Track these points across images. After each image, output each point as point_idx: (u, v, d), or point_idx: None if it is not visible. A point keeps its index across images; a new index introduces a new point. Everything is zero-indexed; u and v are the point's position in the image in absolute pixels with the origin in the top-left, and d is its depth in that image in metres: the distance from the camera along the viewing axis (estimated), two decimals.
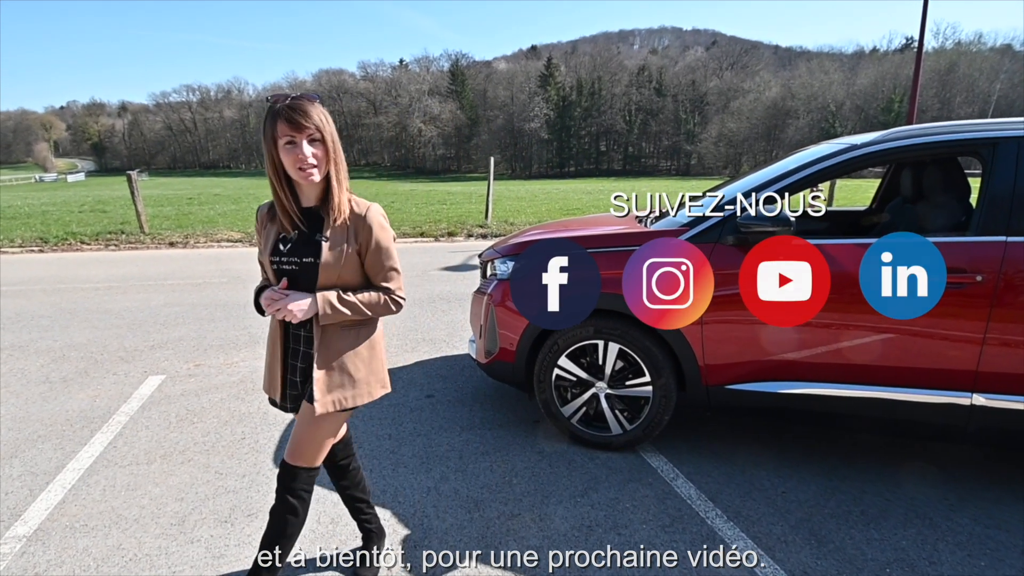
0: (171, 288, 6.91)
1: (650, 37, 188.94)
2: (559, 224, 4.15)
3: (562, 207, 17.44)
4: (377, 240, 1.67)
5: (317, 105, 1.56)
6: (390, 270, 1.73)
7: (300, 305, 1.62)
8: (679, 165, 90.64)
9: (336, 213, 1.62)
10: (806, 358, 2.66)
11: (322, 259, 1.62)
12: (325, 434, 1.77)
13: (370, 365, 1.78)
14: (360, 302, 1.67)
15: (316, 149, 1.55)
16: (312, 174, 1.56)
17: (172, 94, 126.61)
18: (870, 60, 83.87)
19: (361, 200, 1.70)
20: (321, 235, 1.63)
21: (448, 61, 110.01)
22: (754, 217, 2.66)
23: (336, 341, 1.70)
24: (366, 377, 1.77)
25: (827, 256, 2.60)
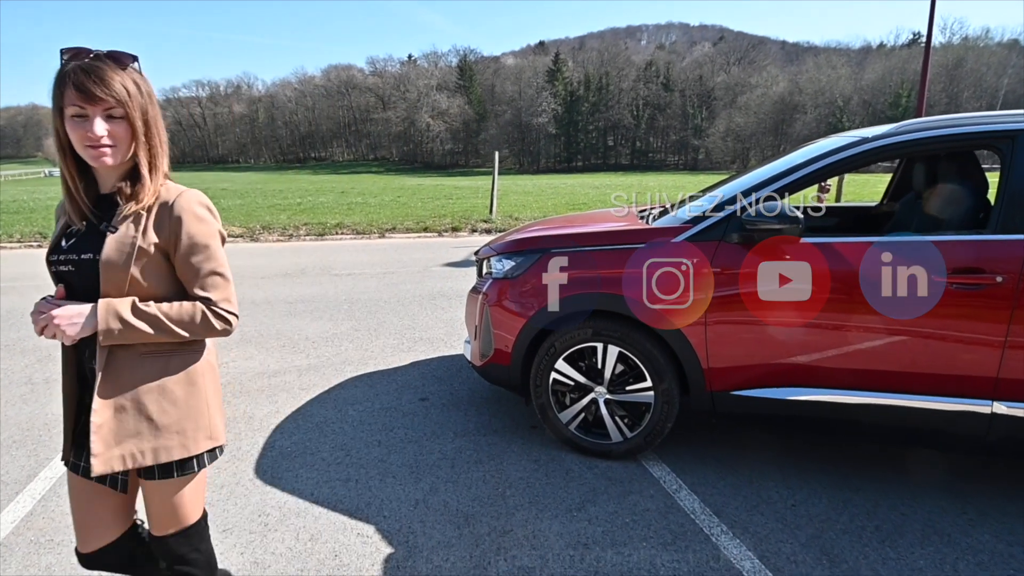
0: None
1: (657, 33, 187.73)
2: (560, 220, 4.00)
3: (568, 202, 17.26)
4: (189, 234, 1.25)
5: (127, 71, 1.21)
6: (210, 274, 1.29)
7: (71, 317, 1.19)
8: (687, 159, 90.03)
9: (131, 199, 1.24)
10: (816, 362, 2.50)
11: (103, 255, 1.20)
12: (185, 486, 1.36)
13: (186, 407, 1.31)
14: (165, 315, 1.23)
15: (115, 127, 1.19)
16: (104, 155, 1.20)
17: (182, 89, 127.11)
18: (877, 55, 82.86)
19: (176, 185, 1.31)
20: (108, 225, 1.23)
21: (456, 56, 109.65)
22: (760, 214, 2.50)
23: (130, 371, 1.26)
24: (178, 423, 1.30)
25: (836, 255, 2.45)
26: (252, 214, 13.19)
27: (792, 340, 2.51)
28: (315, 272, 7.35)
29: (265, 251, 8.89)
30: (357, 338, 4.78)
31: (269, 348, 4.56)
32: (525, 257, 3.01)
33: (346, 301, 5.95)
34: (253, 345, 4.64)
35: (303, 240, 9.86)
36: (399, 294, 6.21)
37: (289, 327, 5.10)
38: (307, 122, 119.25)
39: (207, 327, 1.29)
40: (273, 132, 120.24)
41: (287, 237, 9.97)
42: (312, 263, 7.90)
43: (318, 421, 3.27)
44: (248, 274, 7.25)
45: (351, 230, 10.29)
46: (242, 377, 3.97)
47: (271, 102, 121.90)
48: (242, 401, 3.57)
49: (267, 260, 8.13)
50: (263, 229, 10.32)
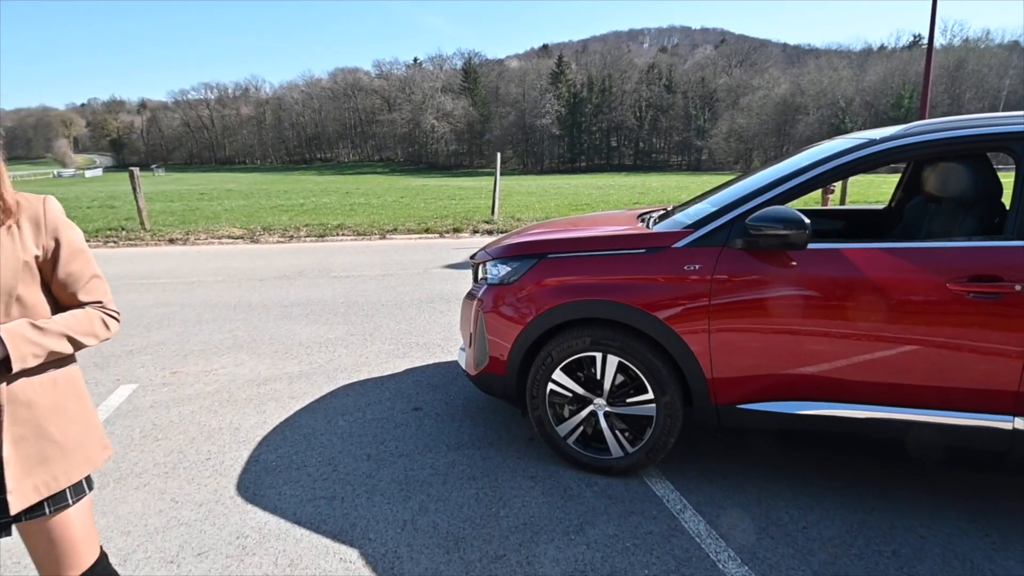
0: (162, 287, 6.70)
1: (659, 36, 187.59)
2: (560, 224, 3.86)
3: (571, 202, 17.11)
4: (68, 241, 1.23)
5: None
6: (92, 278, 1.28)
7: None
8: (690, 160, 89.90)
9: None
10: (825, 374, 2.35)
11: None
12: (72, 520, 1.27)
13: (82, 421, 1.28)
14: (69, 328, 1.20)
15: None
16: None
17: (191, 92, 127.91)
18: (878, 57, 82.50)
19: (29, 194, 1.26)
20: None
21: (461, 59, 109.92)
22: (765, 219, 2.36)
23: (28, 394, 1.18)
24: (80, 440, 1.26)
25: (845, 261, 2.32)
26: (254, 215, 13.10)
27: (800, 351, 2.37)
28: (313, 274, 7.23)
29: (265, 253, 8.78)
30: (351, 343, 4.65)
31: (261, 354, 4.43)
32: (521, 262, 2.88)
33: (343, 304, 5.83)
34: (245, 351, 4.51)
35: (303, 241, 9.75)
36: (397, 297, 6.08)
37: (283, 331, 4.98)
38: (313, 124, 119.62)
39: (103, 331, 1.28)
40: (280, 134, 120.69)
41: (287, 238, 9.86)
42: (311, 265, 7.79)
43: (306, 432, 3.14)
44: (246, 276, 7.14)
45: (352, 231, 10.18)
46: (231, 385, 3.84)
47: (278, 104, 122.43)
48: (229, 411, 3.44)
49: (266, 262, 8.01)
50: (264, 231, 10.22)
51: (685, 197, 19.68)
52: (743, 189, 2.86)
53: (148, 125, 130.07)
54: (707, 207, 3.00)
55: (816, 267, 2.33)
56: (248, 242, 9.68)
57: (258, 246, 9.41)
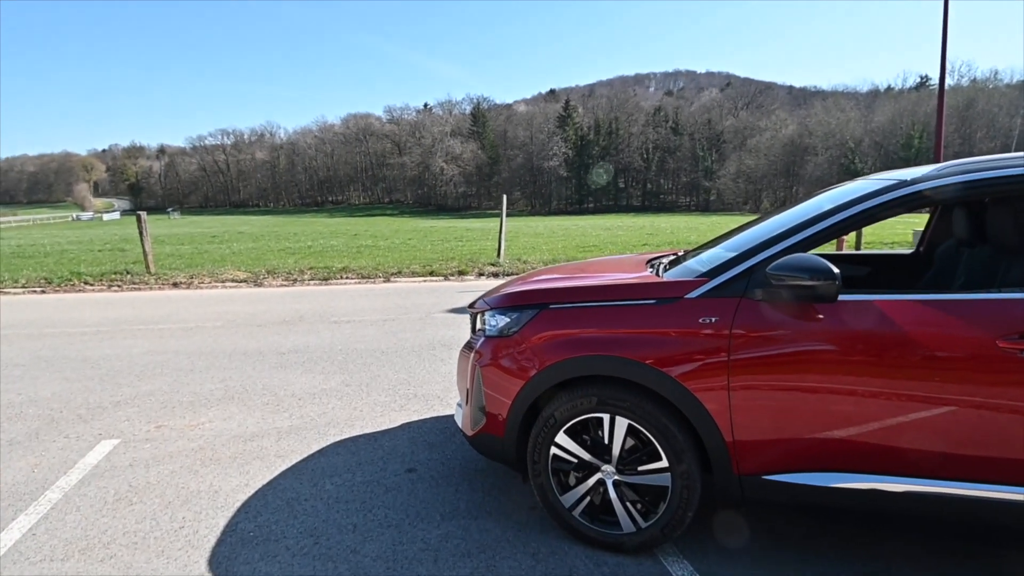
0: (159, 333, 6.55)
1: (665, 80, 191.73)
2: (563, 270, 3.68)
3: (579, 243, 17.01)
4: None
5: None
6: None
7: None
8: (698, 201, 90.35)
9: None
10: (861, 442, 2.10)
11: None
12: None
13: None
14: None
15: None
16: None
17: (208, 137, 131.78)
18: (886, 98, 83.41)
19: None
20: None
21: (470, 104, 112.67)
22: (788, 267, 2.15)
23: None
24: None
25: (881, 315, 2.09)
26: (261, 258, 13.07)
27: (831, 414, 2.12)
28: (313, 319, 7.06)
29: (267, 297, 8.65)
30: (346, 394, 4.42)
31: (251, 406, 4.21)
32: (521, 313, 2.67)
33: (341, 351, 5.62)
34: (236, 402, 4.30)
35: (307, 285, 9.63)
36: (397, 343, 5.87)
37: (277, 381, 4.77)
38: (326, 167, 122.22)
39: None
40: (293, 177, 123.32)
41: (291, 282, 9.75)
42: (312, 309, 7.63)
43: (289, 497, 2.89)
44: (245, 322, 6.98)
45: (356, 274, 10.06)
46: (216, 441, 3.61)
47: (292, 149, 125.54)
48: (211, 471, 3.21)
49: (267, 307, 7.87)
50: (268, 274, 10.13)
51: (695, 238, 19.53)
52: (761, 234, 2.66)
53: (166, 170, 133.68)
54: (722, 253, 2.81)
55: (847, 321, 2.11)
56: (251, 286, 9.57)
57: (261, 290, 9.29)
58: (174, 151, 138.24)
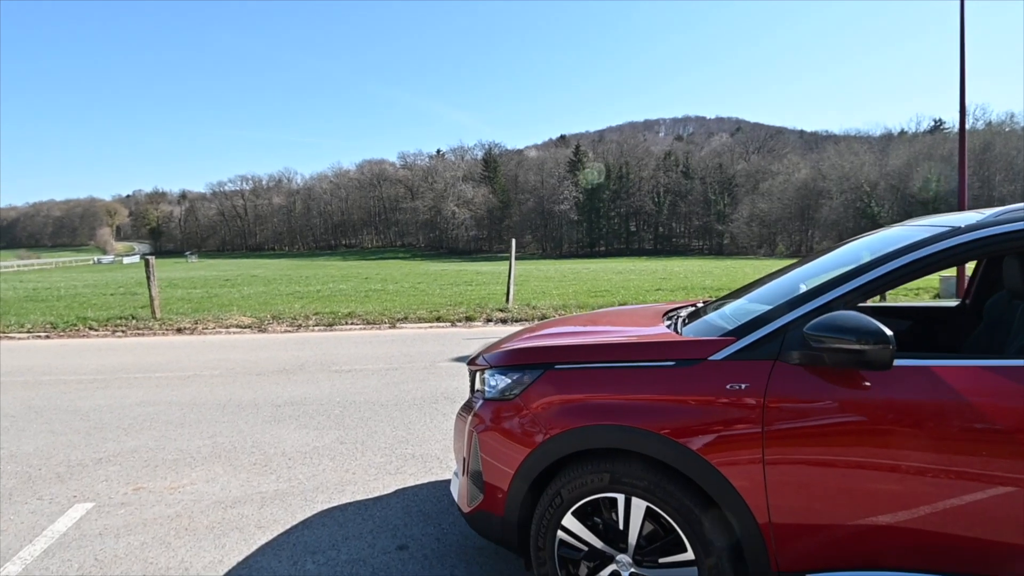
0: (155, 382, 6.32)
1: (675, 125, 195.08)
2: (571, 322, 3.42)
3: (590, 288, 16.75)
4: None
5: None
6: None
7: None
8: (711, 244, 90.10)
9: None
10: (920, 533, 1.78)
11: None
12: None
13: None
14: None
15: None
16: None
17: (227, 183, 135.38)
18: (900, 142, 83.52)
19: None
20: None
21: (482, 150, 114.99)
22: (831, 326, 1.88)
23: None
24: None
25: (942, 384, 1.81)
26: (268, 303, 12.95)
27: (889, 500, 1.81)
28: (314, 367, 6.81)
29: (270, 343, 8.44)
30: (340, 453, 4.12)
31: (238, 466, 3.92)
32: (524, 373, 2.40)
33: (339, 404, 5.34)
34: (221, 462, 4.01)
35: (311, 331, 9.42)
36: (398, 395, 5.59)
37: (268, 437, 4.49)
38: (340, 212, 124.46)
39: None
40: (308, 221, 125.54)
41: (295, 327, 9.55)
42: (314, 357, 7.39)
43: None
44: (244, 370, 6.74)
45: (362, 320, 9.85)
46: (194, 508, 3.31)
47: (308, 194, 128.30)
48: (184, 544, 2.91)
49: (269, 354, 7.65)
50: (273, 319, 9.96)
51: (710, 283, 19.19)
52: (793, 285, 2.41)
53: (186, 215, 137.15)
54: (749, 307, 2.54)
55: (903, 390, 1.82)
56: (256, 331, 9.38)
57: (265, 336, 9.09)
58: (195, 196, 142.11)
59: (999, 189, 67.15)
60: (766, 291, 2.85)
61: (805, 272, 2.92)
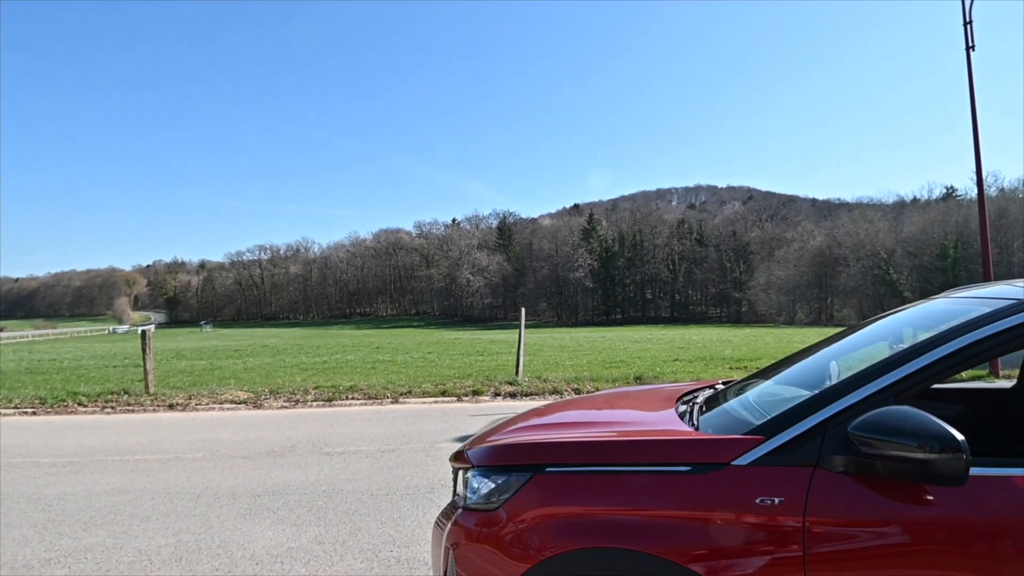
0: (132, 466, 5.90)
1: (687, 194, 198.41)
2: (576, 405, 3.01)
3: (605, 358, 16.21)
4: None
5: None
6: None
7: None
8: (729, 312, 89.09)
9: None
10: None
11: None
12: None
13: None
14: None
15: None
16: None
17: (246, 253, 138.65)
18: (913, 209, 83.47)
19: None
20: None
21: (496, 219, 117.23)
22: (885, 427, 1.50)
23: None
24: None
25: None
26: (270, 375, 12.60)
27: None
28: (305, 449, 6.36)
29: (263, 421, 8.03)
30: (315, 557, 3.63)
31: (197, 574, 3.45)
32: (509, 476, 1.99)
33: (324, 493, 4.86)
34: (182, 565, 3.54)
35: (309, 406, 9.00)
36: (391, 482, 5.10)
37: (239, 536, 4.01)
38: (356, 280, 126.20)
39: None
40: (324, 290, 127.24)
41: (293, 403, 9.14)
42: (307, 437, 6.94)
43: None
44: (229, 452, 6.31)
45: (363, 395, 9.43)
46: None
47: (324, 263, 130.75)
48: None
49: (260, 434, 7.22)
50: (271, 394, 9.57)
51: (730, 352, 18.51)
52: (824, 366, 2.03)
53: (203, 284, 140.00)
54: (776, 391, 2.16)
55: (977, 507, 1.42)
56: (251, 407, 8.98)
57: (260, 412, 8.68)
58: (213, 266, 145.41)
59: (1018, 255, 66.29)
60: (796, 372, 2.46)
61: (838, 350, 2.54)
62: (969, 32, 11.97)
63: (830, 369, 2.41)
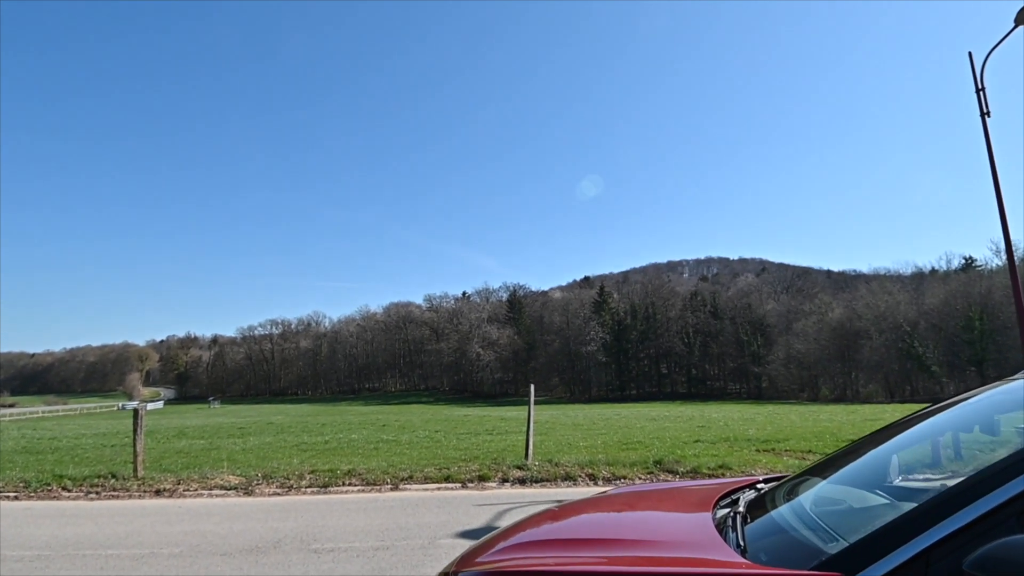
0: (102, 563, 5.32)
1: (698, 266, 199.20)
2: (592, 508, 2.53)
3: (622, 439, 15.37)
4: None
5: None
6: None
7: None
8: (749, 388, 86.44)
9: None
10: None
11: None
12: None
13: None
14: None
15: None
16: None
17: (258, 328, 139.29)
18: (933, 280, 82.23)
19: None
20: None
21: (507, 292, 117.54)
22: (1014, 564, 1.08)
23: None
24: None
25: None
26: (268, 457, 11.98)
27: None
28: (291, 545, 5.74)
29: (252, 510, 7.42)
30: None
31: None
32: None
33: None
34: None
35: (303, 493, 8.36)
36: None
37: None
38: (365, 354, 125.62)
39: None
40: (333, 365, 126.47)
41: (286, 489, 8.51)
42: (295, 530, 6.33)
43: None
44: (208, 548, 5.71)
45: (361, 480, 8.78)
46: None
47: (335, 337, 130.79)
48: None
49: (245, 525, 6.61)
50: (263, 478, 8.96)
51: (754, 432, 17.53)
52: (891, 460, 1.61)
53: (214, 359, 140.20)
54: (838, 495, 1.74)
55: None
56: (241, 493, 8.35)
57: (250, 499, 8.06)
58: (225, 341, 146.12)
59: None
60: (857, 471, 2.02)
61: (901, 442, 2.10)
62: (983, 99, 11.97)
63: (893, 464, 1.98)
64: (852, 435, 14.96)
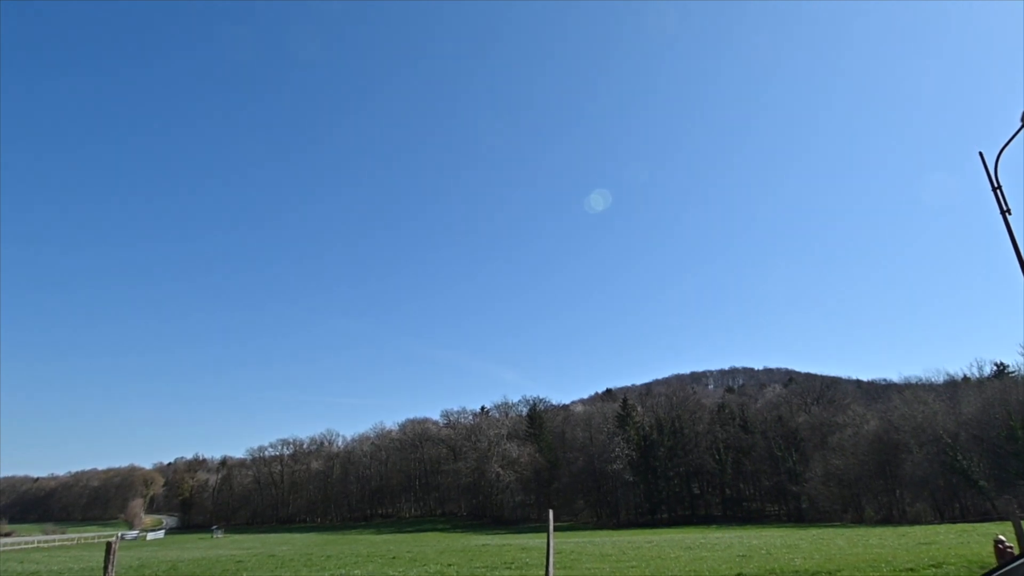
0: None
1: (723, 377, 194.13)
2: None
3: (656, 570, 13.38)
4: None
5: None
6: None
7: None
8: (788, 509, 79.81)
9: None
10: None
11: None
12: None
13: None
14: None
15: None
16: None
17: (268, 448, 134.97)
18: (967, 388, 78.28)
19: None
20: None
21: (527, 406, 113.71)
22: None
23: None
24: None
25: None
26: None
27: None
28: None
29: None
30: None
31: None
32: None
33: None
34: None
35: None
36: None
37: None
38: (379, 476, 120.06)
39: None
40: (345, 488, 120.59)
41: None
42: None
43: None
44: None
45: None
46: None
47: (347, 457, 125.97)
48: None
49: None
50: None
51: (801, 562, 15.29)
52: None
53: (221, 483, 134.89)
54: None
55: None
56: None
57: None
58: (234, 463, 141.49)
59: None
60: None
61: None
62: (1001, 197, 11.44)
63: None
64: (908, 562, 12.97)
